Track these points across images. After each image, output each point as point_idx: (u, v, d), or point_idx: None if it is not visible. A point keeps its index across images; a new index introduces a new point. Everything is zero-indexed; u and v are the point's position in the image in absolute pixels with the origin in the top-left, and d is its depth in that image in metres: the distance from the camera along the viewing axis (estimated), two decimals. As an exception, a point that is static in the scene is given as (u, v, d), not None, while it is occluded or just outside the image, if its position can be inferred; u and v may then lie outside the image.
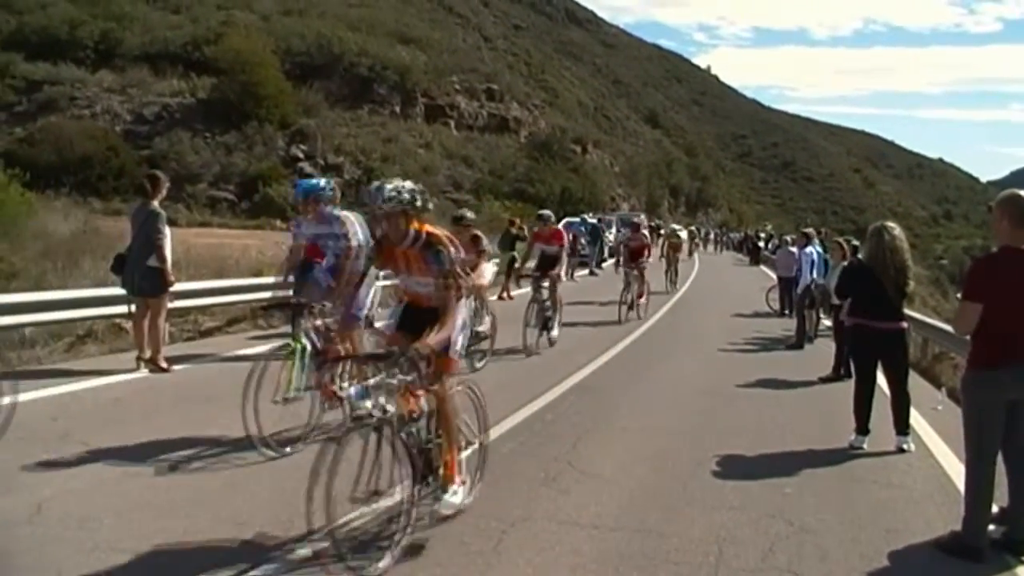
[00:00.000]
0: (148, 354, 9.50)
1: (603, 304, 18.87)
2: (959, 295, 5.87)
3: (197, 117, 45.75)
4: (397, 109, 55.96)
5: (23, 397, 7.46)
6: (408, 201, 5.03)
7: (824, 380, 11.15)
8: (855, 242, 12.75)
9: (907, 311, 8.42)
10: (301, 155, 45.23)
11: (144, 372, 9.31)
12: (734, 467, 7.04)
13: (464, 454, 5.59)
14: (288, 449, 6.55)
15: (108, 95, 46.95)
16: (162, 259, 9.42)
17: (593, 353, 12.62)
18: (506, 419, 8.14)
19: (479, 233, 11.81)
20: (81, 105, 45.82)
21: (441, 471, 5.26)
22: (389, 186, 5.06)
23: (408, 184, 5.13)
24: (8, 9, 53.13)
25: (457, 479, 5.35)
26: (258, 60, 47.05)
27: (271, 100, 46.33)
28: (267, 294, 9.83)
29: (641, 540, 5.29)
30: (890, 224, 8.09)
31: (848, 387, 8.40)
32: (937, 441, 8.11)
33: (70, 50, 50.02)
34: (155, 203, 9.60)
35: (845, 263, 10.85)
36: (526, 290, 14.15)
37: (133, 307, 9.78)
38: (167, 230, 9.65)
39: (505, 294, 20.15)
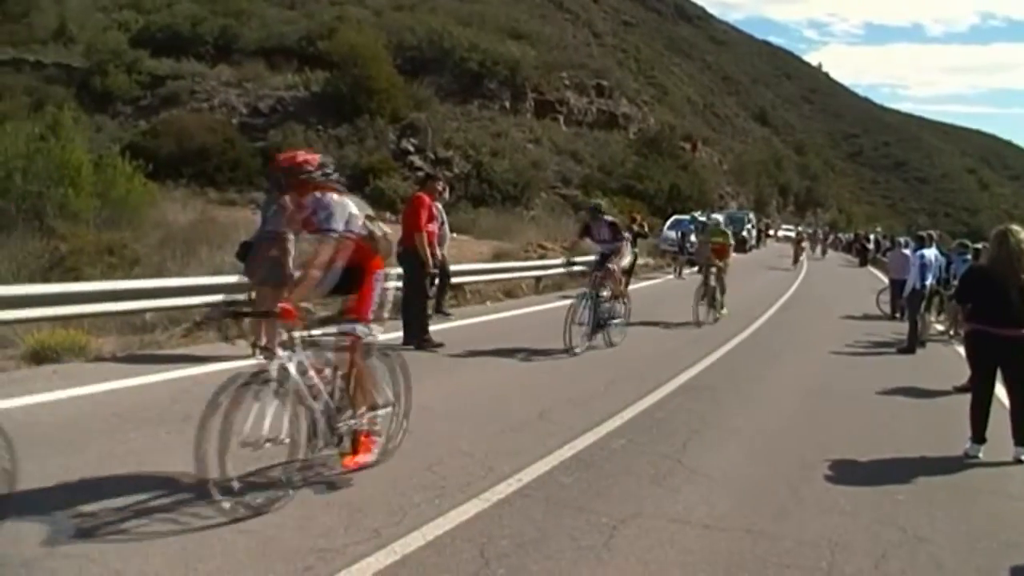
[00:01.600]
0: (263, 341, 9.57)
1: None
2: None
3: (310, 110, 46.62)
4: (507, 104, 56.09)
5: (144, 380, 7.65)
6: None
7: (959, 389, 10.48)
8: (976, 245, 12.25)
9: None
10: (411, 149, 45.64)
11: (259, 358, 9.37)
12: (845, 472, 6.87)
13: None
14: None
15: (226, 89, 48.27)
16: (283, 251, 9.49)
17: (701, 352, 12.42)
18: (616, 415, 8.16)
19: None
20: (200, 98, 47.22)
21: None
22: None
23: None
24: (136, 8, 55.32)
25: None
26: (370, 54, 47.67)
27: (382, 94, 46.89)
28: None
29: (752, 541, 5.20)
30: (1015, 227, 7.71)
31: (966, 396, 8.09)
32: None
33: (192, 46, 51.83)
34: (286, 198, 9.65)
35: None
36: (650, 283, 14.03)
37: (253, 294, 9.86)
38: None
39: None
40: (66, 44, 52.51)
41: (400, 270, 10.76)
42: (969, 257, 15.31)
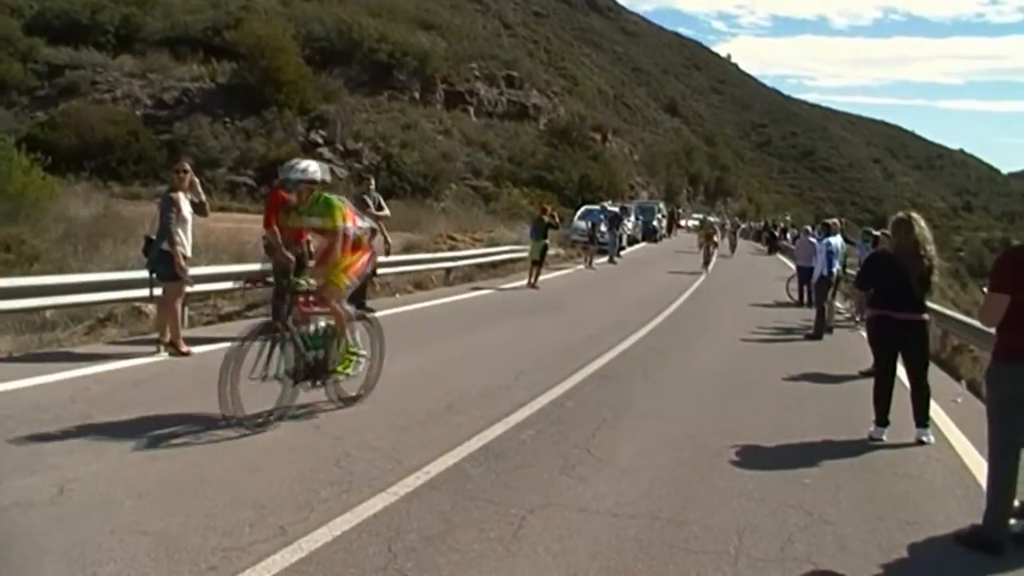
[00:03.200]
0: (168, 338, 9.54)
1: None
2: (985, 288, 5.81)
3: (217, 102, 45.85)
4: (417, 95, 55.99)
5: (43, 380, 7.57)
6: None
7: (864, 374, 10.46)
8: (875, 232, 12.67)
9: (928, 303, 8.31)
10: (320, 141, 45.25)
11: (164, 356, 9.34)
12: (753, 457, 7.01)
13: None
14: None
15: (129, 80, 47.16)
16: (171, 243, 9.43)
17: (612, 341, 12.58)
18: (525, 406, 8.17)
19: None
20: (102, 89, 46.04)
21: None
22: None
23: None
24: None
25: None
26: (278, 45, 47.09)
27: (291, 86, 46.36)
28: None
29: (660, 528, 5.29)
30: (915, 215, 7.99)
31: (871, 380, 8.32)
32: (957, 434, 8.08)
33: (91, 35, 50.36)
34: (179, 195, 9.64)
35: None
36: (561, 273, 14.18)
37: (158, 291, 9.80)
38: (187, 215, 9.65)
39: (532, 280, 20.17)
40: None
41: None
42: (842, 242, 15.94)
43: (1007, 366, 5.37)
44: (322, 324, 7.47)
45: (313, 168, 7.67)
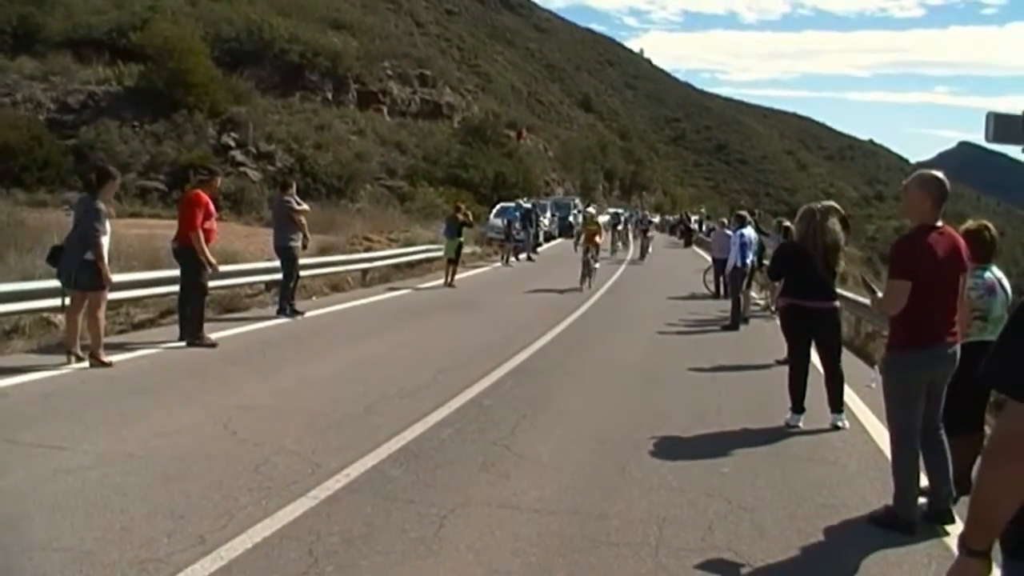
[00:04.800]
0: (79, 347, 9.40)
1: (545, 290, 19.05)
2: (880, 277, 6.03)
3: (124, 105, 44.74)
4: (329, 96, 55.47)
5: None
6: None
7: (781, 362, 10.96)
8: (787, 223, 13.03)
9: (840, 290, 8.61)
10: (232, 143, 44.54)
11: (73, 366, 9.19)
12: (672, 448, 7.16)
13: None
14: None
15: (29, 83, 45.69)
16: (99, 256, 9.32)
17: (530, 338, 12.75)
18: (443, 405, 8.25)
19: None
20: (0, 93, 44.55)
21: None
22: None
23: None
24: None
25: None
26: (186, 47, 46.12)
27: (201, 88, 45.47)
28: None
29: (581, 522, 5.37)
30: (820, 205, 8.20)
31: (785, 368, 8.59)
32: (871, 418, 8.33)
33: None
34: (99, 200, 9.52)
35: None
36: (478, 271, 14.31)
37: (67, 300, 9.64)
38: (108, 226, 9.55)
39: (449, 279, 20.27)
40: None
41: None
42: (754, 233, 16.40)
43: (903, 354, 5.54)
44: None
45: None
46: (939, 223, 5.48)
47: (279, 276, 14.07)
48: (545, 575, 4.64)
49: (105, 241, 9.45)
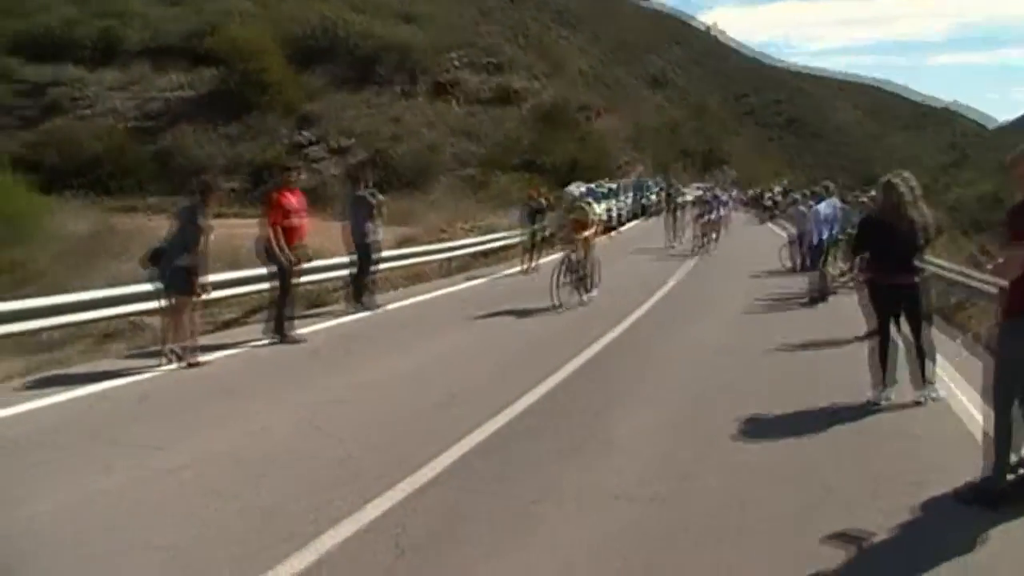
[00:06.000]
0: (173, 349, 9.60)
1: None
2: (980, 244, 5.82)
3: (201, 110, 45.77)
4: (402, 88, 55.83)
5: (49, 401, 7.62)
6: None
7: (863, 337, 10.72)
8: (866, 197, 12.69)
9: (926, 260, 8.31)
10: (308, 141, 45.14)
11: (169, 367, 9.39)
12: (755, 429, 7.06)
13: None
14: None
15: (111, 93, 46.99)
16: (197, 265, 9.60)
17: (609, 323, 12.61)
18: (527, 393, 8.24)
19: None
20: (85, 105, 45.89)
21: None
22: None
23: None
24: (8, 14, 53.18)
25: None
26: (259, 48, 46.96)
27: (275, 87, 46.27)
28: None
29: (666, 509, 5.34)
30: (900, 177, 7.93)
31: (867, 344, 8.37)
32: (957, 392, 8.10)
33: (71, 50, 50.09)
34: (203, 211, 9.74)
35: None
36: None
37: (163, 302, 9.88)
38: (210, 237, 9.83)
39: (530, 265, 20.16)
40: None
41: None
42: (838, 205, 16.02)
43: (1020, 321, 5.36)
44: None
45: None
46: None
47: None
48: (631, 563, 4.60)
49: (203, 249, 9.71)
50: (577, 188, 20.52)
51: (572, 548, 4.78)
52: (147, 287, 10.05)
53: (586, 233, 14.96)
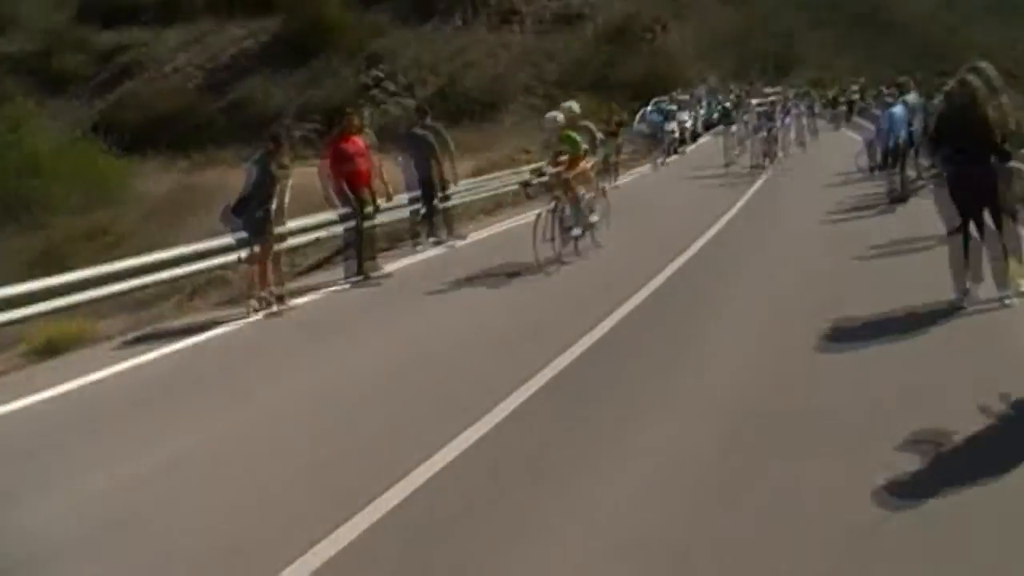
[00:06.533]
0: (260, 297, 9.68)
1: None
2: None
3: (268, 59, 46.02)
4: (464, 19, 55.24)
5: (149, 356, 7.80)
6: None
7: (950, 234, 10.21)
8: (947, 87, 12.00)
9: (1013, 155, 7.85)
10: (375, 81, 45.10)
11: (256, 316, 9.46)
12: (843, 338, 6.85)
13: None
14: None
15: (180, 52, 47.52)
16: (271, 215, 9.73)
17: (690, 239, 12.28)
18: (625, 303, 8.45)
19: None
20: (156, 66, 46.51)
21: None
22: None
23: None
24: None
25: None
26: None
27: (337, 31, 46.17)
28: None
29: (757, 420, 5.26)
30: (976, 69, 7.51)
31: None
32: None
33: (137, 14, 50.71)
34: (275, 162, 9.80)
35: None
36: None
37: (244, 253, 9.99)
38: (288, 183, 9.99)
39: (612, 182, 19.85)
40: (3, 32, 51.31)
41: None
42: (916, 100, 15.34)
43: None
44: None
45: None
46: None
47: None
48: (726, 479, 4.49)
49: (279, 199, 9.84)
50: (567, 108, 12.37)
51: (670, 460, 4.79)
52: (230, 239, 10.14)
53: (578, 170, 11.61)
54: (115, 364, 7.79)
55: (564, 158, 11.42)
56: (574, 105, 12.49)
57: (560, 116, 11.87)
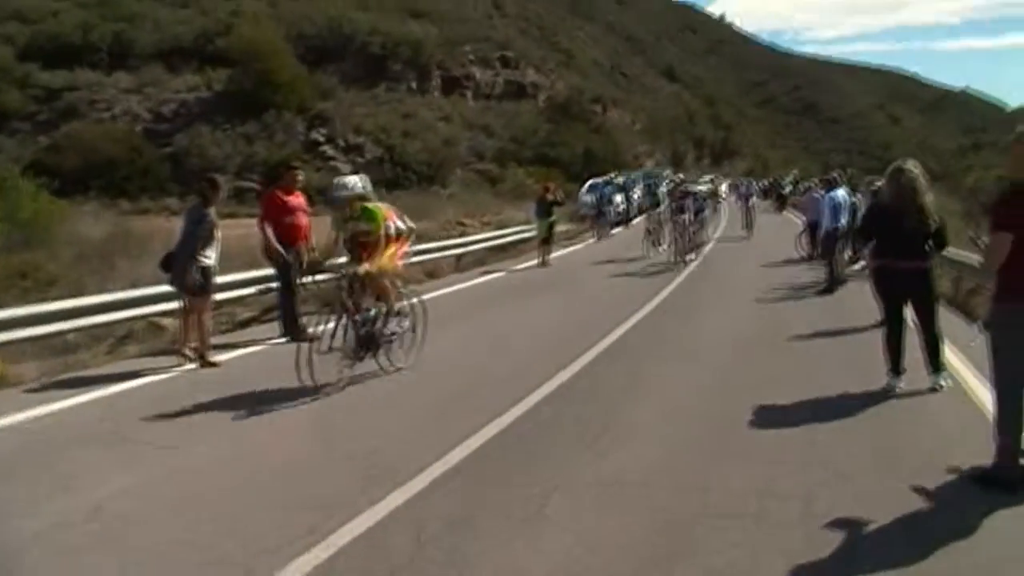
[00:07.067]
0: (189, 350, 9.63)
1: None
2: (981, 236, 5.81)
3: (215, 110, 45.99)
4: (413, 85, 55.98)
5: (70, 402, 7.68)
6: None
7: (877, 325, 10.51)
8: (878, 183, 12.53)
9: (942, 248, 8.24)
10: (322, 139, 45.27)
11: (187, 367, 9.42)
12: (770, 417, 7.01)
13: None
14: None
15: (126, 96, 47.31)
16: (212, 260, 9.65)
17: (626, 313, 12.56)
18: (545, 383, 8.26)
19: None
20: (100, 108, 46.25)
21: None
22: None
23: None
24: (21, 20, 53.53)
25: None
26: (270, 48, 47.16)
27: (287, 87, 46.45)
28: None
29: (683, 497, 5.33)
30: (907, 164, 7.83)
31: (881, 331, 8.30)
32: (971, 377, 8.03)
33: (85, 55, 50.47)
34: (209, 210, 9.77)
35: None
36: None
37: (180, 303, 9.92)
38: (218, 234, 9.84)
39: (543, 259, 20.25)
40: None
41: None
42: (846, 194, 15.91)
43: (1009, 306, 5.37)
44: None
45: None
46: None
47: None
48: (648, 550, 4.60)
49: (214, 249, 9.71)
50: (357, 181, 8.96)
51: (590, 534, 4.76)
52: (164, 288, 10.09)
53: (379, 259, 8.65)
54: (27, 409, 7.67)
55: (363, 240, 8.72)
56: (362, 179, 9.04)
57: (359, 182, 8.95)
